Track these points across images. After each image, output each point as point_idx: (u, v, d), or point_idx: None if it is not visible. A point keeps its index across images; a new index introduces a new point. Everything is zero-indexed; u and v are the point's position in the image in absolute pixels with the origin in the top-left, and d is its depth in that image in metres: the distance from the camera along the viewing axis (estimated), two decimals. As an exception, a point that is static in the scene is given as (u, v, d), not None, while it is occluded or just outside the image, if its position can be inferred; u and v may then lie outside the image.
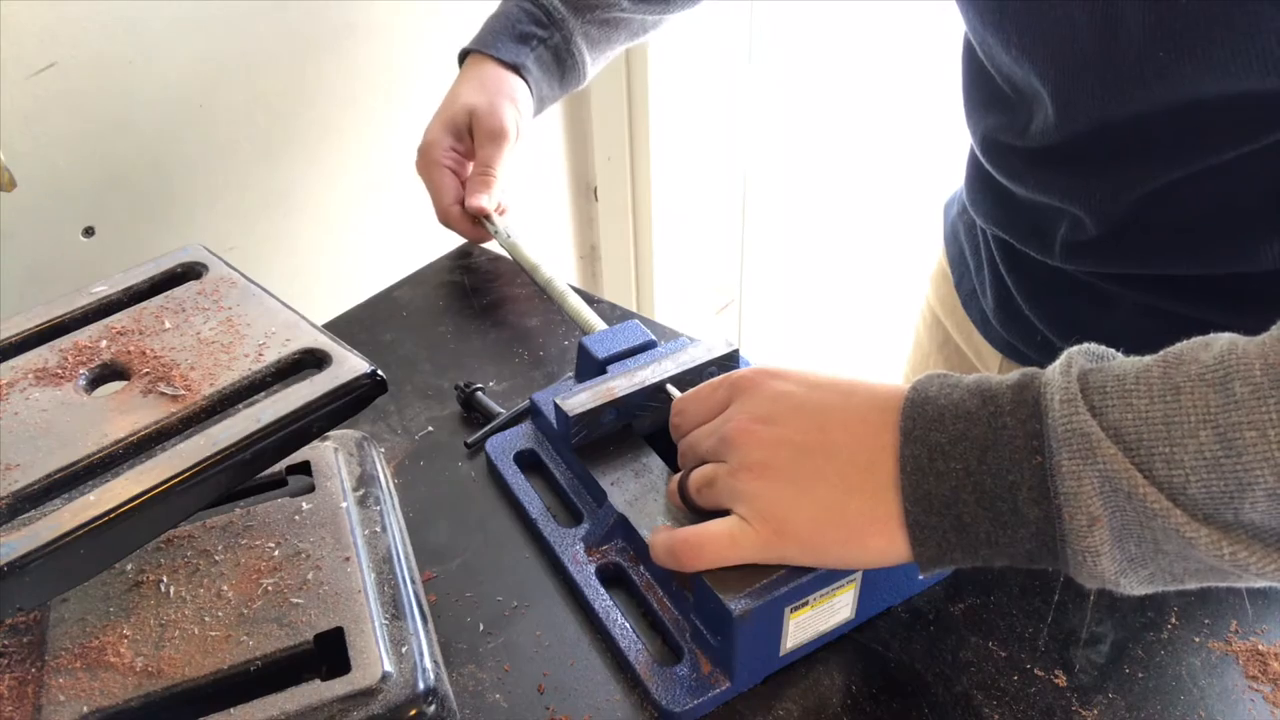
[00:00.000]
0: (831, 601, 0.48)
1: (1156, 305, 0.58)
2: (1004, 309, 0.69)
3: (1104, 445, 0.36)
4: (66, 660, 0.43)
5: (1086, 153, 0.55)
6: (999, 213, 0.65)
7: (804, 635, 0.48)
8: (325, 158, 1.10)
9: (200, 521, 0.49)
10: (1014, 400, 0.39)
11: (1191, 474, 0.34)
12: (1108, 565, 0.37)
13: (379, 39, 1.10)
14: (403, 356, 0.75)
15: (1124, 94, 0.50)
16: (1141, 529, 0.36)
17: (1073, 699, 0.48)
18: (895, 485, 0.40)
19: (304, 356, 0.48)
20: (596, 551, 0.55)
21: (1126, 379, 0.37)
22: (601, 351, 0.61)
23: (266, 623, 0.44)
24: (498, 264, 0.87)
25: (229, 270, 0.55)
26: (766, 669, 0.49)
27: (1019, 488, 0.38)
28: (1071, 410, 0.37)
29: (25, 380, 0.47)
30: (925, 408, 0.41)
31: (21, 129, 0.82)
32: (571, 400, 0.56)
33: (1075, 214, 0.57)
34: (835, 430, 0.43)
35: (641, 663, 0.49)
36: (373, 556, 0.49)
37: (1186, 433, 0.34)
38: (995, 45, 0.56)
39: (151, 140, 0.92)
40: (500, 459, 0.63)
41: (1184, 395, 0.35)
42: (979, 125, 0.63)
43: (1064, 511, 0.37)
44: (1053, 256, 0.61)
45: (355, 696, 0.41)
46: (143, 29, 0.87)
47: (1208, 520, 0.35)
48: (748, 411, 0.46)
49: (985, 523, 0.38)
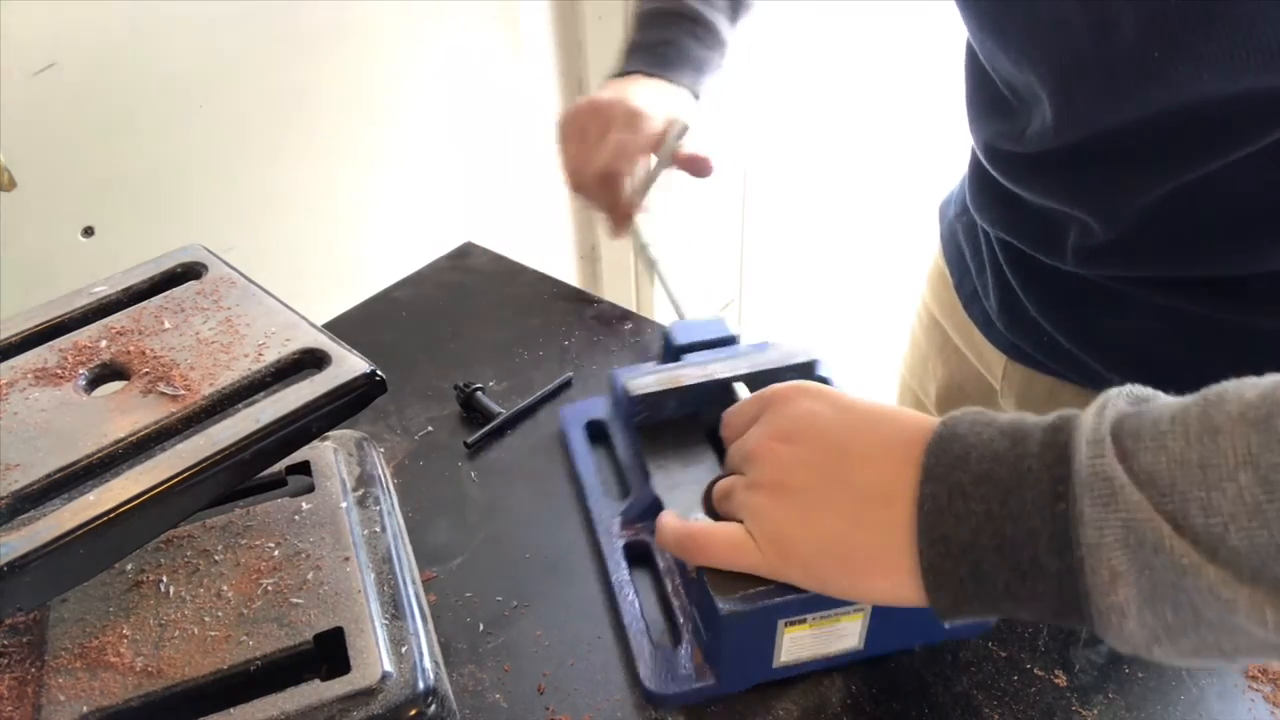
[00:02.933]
0: (835, 626, 0.47)
1: (1168, 306, 0.57)
2: (1009, 311, 0.68)
3: (1127, 491, 0.33)
4: (66, 660, 0.43)
5: (1090, 158, 0.54)
6: (1005, 217, 0.64)
7: (802, 653, 0.48)
8: (325, 158, 1.10)
9: (200, 521, 0.49)
10: (1043, 442, 0.36)
11: (1231, 521, 0.31)
12: (1135, 629, 0.34)
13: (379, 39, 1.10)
14: (403, 356, 0.75)
15: (1121, 96, 0.49)
16: (1176, 591, 0.32)
17: (1073, 699, 0.48)
18: (911, 524, 0.38)
19: (304, 356, 0.48)
20: (631, 528, 0.57)
21: (1162, 420, 0.33)
22: (682, 339, 0.61)
23: (266, 623, 0.44)
24: (498, 264, 0.87)
25: (229, 270, 0.55)
26: (756, 676, 0.49)
27: (1039, 536, 0.35)
28: (1096, 453, 0.34)
29: (25, 380, 0.47)
30: (952, 445, 0.38)
31: (21, 129, 0.82)
32: (638, 381, 0.57)
33: (1083, 219, 0.56)
34: (855, 459, 0.41)
35: (638, 639, 0.50)
36: (372, 556, 0.49)
37: (1225, 475, 0.31)
38: (995, 48, 0.55)
39: (151, 140, 0.92)
40: (570, 424, 0.65)
41: (1223, 436, 0.32)
42: (982, 131, 0.62)
43: (1086, 564, 0.34)
44: (1064, 261, 0.59)
45: (355, 696, 0.41)
46: (143, 29, 0.87)
47: (1253, 579, 0.31)
48: (771, 427, 0.45)
49: (1004, 572, 0.36)
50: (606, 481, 0.61)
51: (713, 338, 0.61)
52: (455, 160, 1.27)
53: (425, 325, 0.79)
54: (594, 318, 0.79)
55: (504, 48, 1.28)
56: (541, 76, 1.38)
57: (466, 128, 1.27)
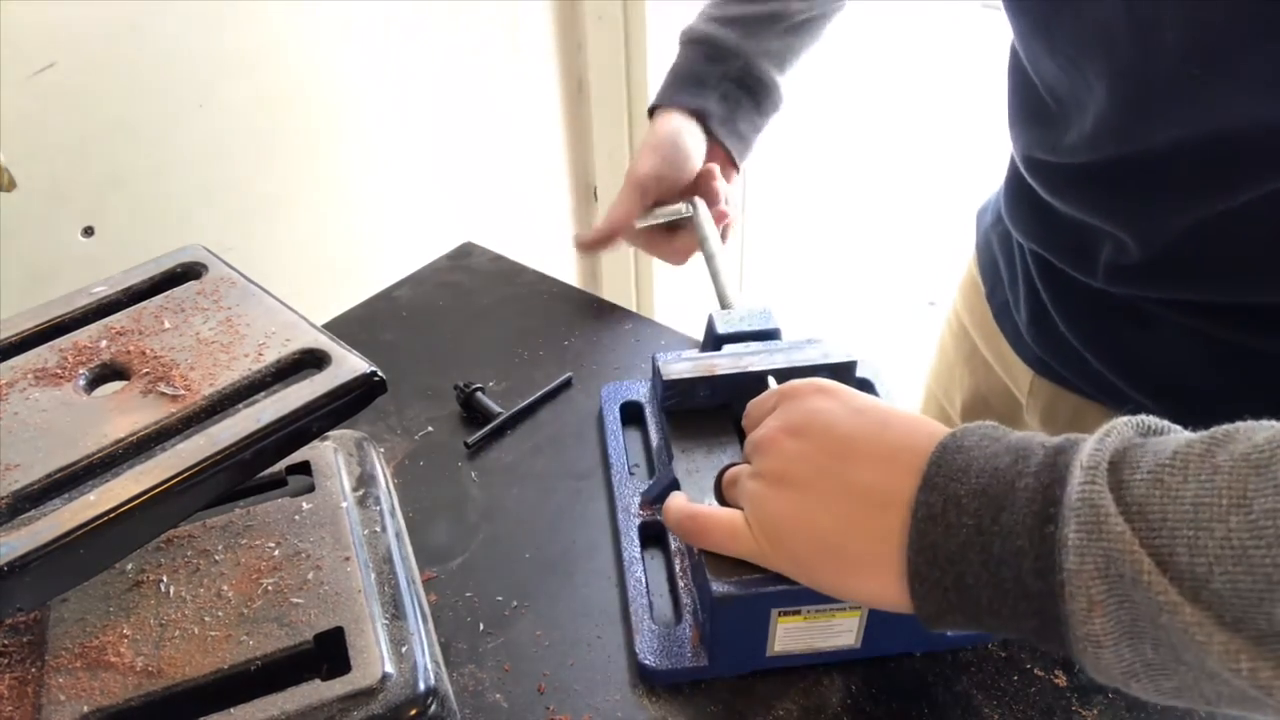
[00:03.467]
0: (830, 621, 0.47)
1: (1201, 330, 0.55)
2: (1038, 324, 0.66)
3: (1111, 520, 0.32)
4: (66, 660, 0.43)
5: (1127, 174, 0.52)
6: (1039, 229, 0.63)
7: (795, 644, 0.48)
8: (325, 158, 1.10)
9: (200, 521, 0.49)
10: (1043, 462, 0.36)
11: (1216, 564, 0.30)
12: (1111, 661, 0.33)
13: (379, 39, 1.10)
14: (403, 356, 0.75)
15: (1158, 113, 0.47)
16: (1155, 628, 0.32)
17: (1073, 699, 0.48)
18: (904, 530, 0.38)
19: (304, 356, 0.48)
20: (649, 508, 0.58)
21: (1163, 453, 0.33)
22: (723, 328, 0.60)
23: (266, 622, 0.44)
24: (497, 264, 0.87)
25: (229, 270, 0.55)
26: (749, 663, 0.49)
27: (1025, 556, 0.34)
28: (1089, 479, 0.33)
29: (25, 380, 0.47)
30: (955, 456, 0.38)
31: (21, 129, 0.82)
32: (673, 365, 0.57)
33: (1117, 237, 0.55)
34: (860, 460, 0.41)
35: (639, 615, 0.51)
36: (372, 556, 0.49)
37: (1215, 516, 0.30)
38: (1040, 51, 0.54)
39: (151, 140, 0.92)
40: (608, 402, 0.67)
41: (1220, 476, 0.31)
42: (1021, 138, 0.61)
43: (1066, 589, 0.33)
44: (1095, 278, 0.58)
45: (355, 696, 0.41)
46: (143, 29, 0.87)
47: (1234, 626, 0.30)
48: (781, 419, 0.45)
49: (988, 588, 0.36)
50: (635, 461, 0.63)
51: (755, 329, 0.60)
52: (455, 160, 1.27)
53: (425, 325, 0.79)
54: (594, 318, 0.79)
55: (504, 48, 1.29)
56: (541, 76, 1.38)
57: (466, 128, 1.27)
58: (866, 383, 0.63)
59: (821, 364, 0.56)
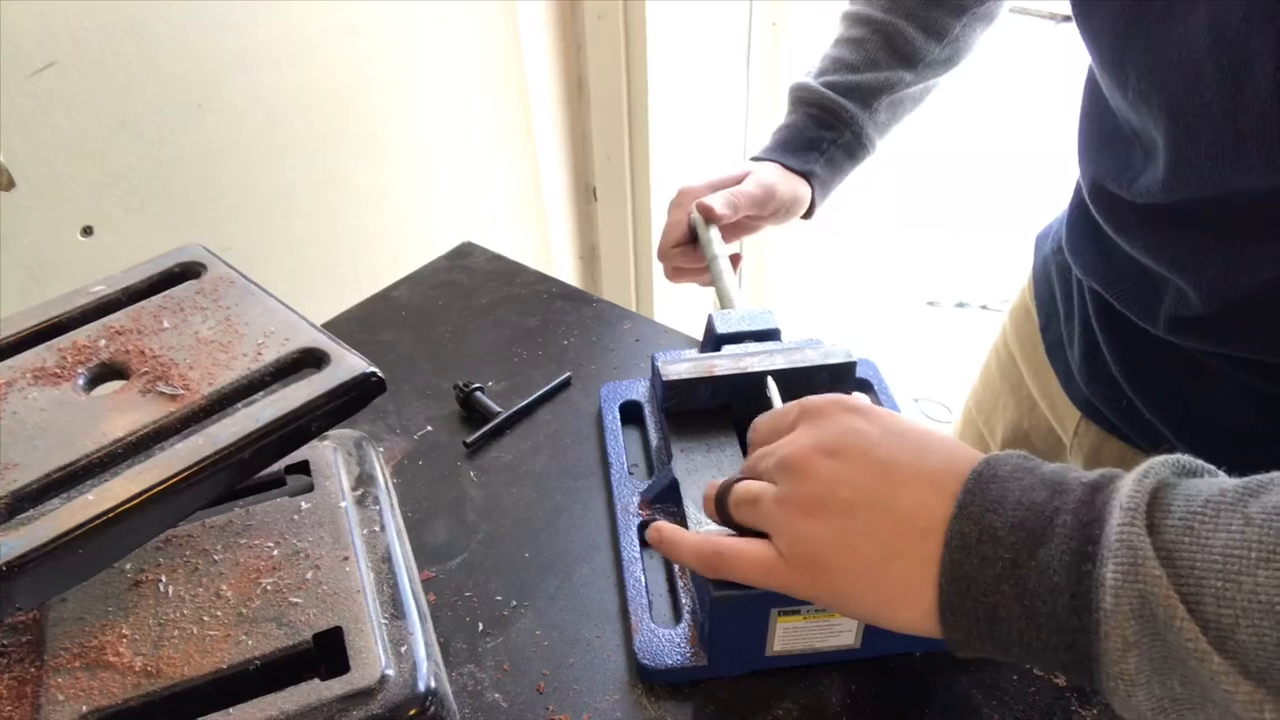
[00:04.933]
0: (830, 621, 0.47)
1: (1263, 390, 0.53)
2: (1090, 365, 0.63)
3: (1149, 564, 0.32)
4: (66, 660, 0.43)
5: (1201, 222, 0.49)
6: (1100, 267, 0.59)
7: (795, 644, 0.48)
8: (325, 158, 1.10)
9: (199, 521, 0.49)
10: (1081, 500, 0.35)
11: (1242, 616, 0.30)
12: (1143, 699, 0.33)
13: (379, 39, 1.10)
14: (402, 356, 0.75)
15: (1243, 157, 0.43)
16: (1185, 667, 0.32)
17: (1072, 699, 0.48)
18: (939, 559, 0.37)
19: (303, 356, 0.48)
20: (649, 507, 0.58)
21: (1197, 499, 0.33)
22: (723, 328, 0.60)
23: (265, 622, 0.44)
24: (496, 264, 0.87)
25: (228, 270, 0.55)
26: (749, 664, 0.49)
27: (1061, 593, 0.34)
28: (1128, 520, 0.33)
29: (24, 380, 0.47)
30: (990, 487, 0.37)
31: (21, 129, 0.82)
32: (672, 366, 0.57)
33: (1182, 286, 0.51)
34: (900, 486, 0.40)
35: (639, 614, 0.51)
36: (372, 556, 0.49)
37: (1244, 569, 0.30)
38: (1112, 87, 0.50)
39: (151, 140, 0.92)
40: (607, 401, 0.67)
41: (1253, 527, 0.31)
42: (1090, 166, 0.57)
43: (1101, 628, 0.33)
44: (1155, 326, 0.55)
45: (354, 696, 0.41)
46: (143, 29, 0.87)
47: (1259, 678, 0.30)
48: (813, 438, 0.43)
49: (1020, 620, 0.35)
50: (634, 461, 0.63)
51: (755, 329, 0.60)
52: (455, 160, 1.27)
53: (425, 325, 0.79)
54: (593, 318, 0.79)
55: (504, 48, 1.28)
56: (541, 76, 1.38)
57: (466, 128, 1.27)
58: (866, 383, 0.63)
59: (821, 365, 0.55)
